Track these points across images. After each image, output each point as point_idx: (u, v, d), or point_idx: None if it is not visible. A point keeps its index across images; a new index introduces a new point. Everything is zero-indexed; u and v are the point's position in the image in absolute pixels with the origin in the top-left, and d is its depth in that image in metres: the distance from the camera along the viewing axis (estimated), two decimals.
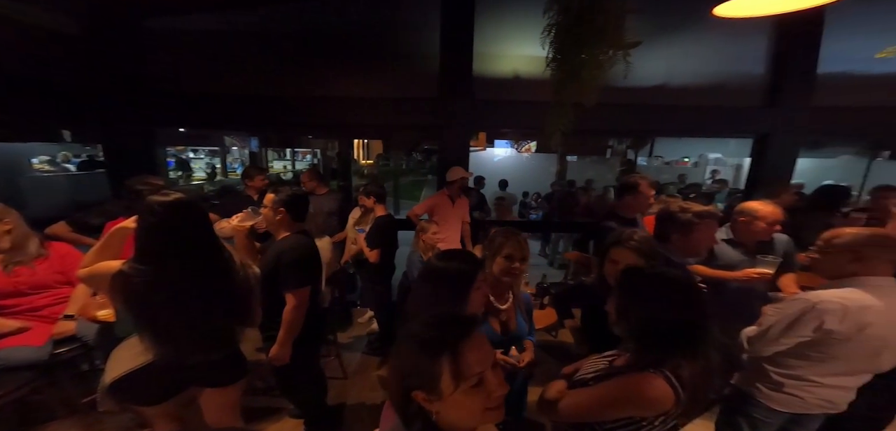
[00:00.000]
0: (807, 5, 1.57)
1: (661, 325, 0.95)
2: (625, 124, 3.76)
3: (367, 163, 6.74)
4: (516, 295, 1.44)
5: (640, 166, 8.66)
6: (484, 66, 3.39)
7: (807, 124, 3.36)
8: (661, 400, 0.92)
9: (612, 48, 2.08)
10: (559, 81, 2.20)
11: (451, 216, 3.20)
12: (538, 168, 8.04)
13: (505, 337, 1.38)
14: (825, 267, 1.40)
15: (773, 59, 3.38)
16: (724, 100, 3.47)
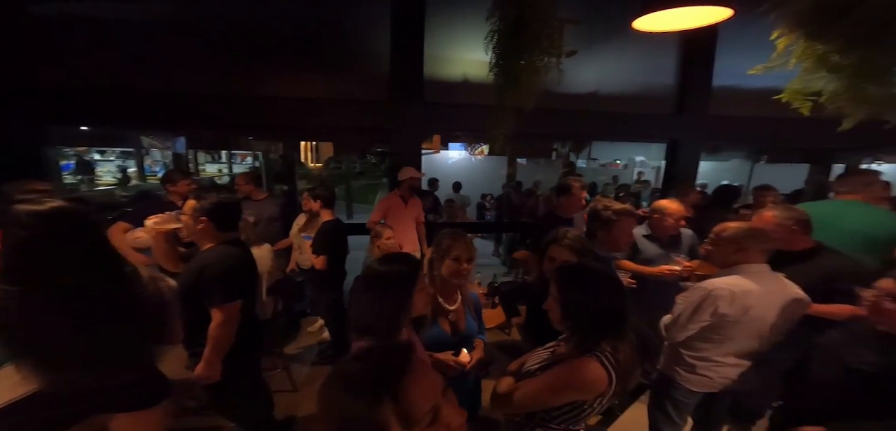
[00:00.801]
0: (698, 25, 1.82)
1: (594, 313, 1.04)
2: (562, 129, 4.04)
3: (316, 166, 6.33)
4: (465, 296, 1.45)
5: (580, 168, 9.39)
6: (434, 70, 3.40)
7: (705, 131, 3.87)
8: (597, 381, 1.00)
9: (548, 55, 2.20)
10: (500, 86, 2.29)
11: (405, 217, 3.17)
12: (490, 170, 8.29)
13: (455, 337, 1.38)
14: (716, 257, 1.60)
15: (680, 72, 3.82)
16: (644, 108, 3.87)
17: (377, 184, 10.98)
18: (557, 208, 2.66)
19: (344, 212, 9.66)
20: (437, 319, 1.36)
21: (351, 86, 3.36)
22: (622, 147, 9.56)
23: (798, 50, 1.50)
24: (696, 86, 3.73)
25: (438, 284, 1.37)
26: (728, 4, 1.62)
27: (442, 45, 3.37)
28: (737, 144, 5.50)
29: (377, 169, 11.89)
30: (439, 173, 7.21)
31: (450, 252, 1.36)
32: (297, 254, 3.08)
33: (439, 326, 1.36)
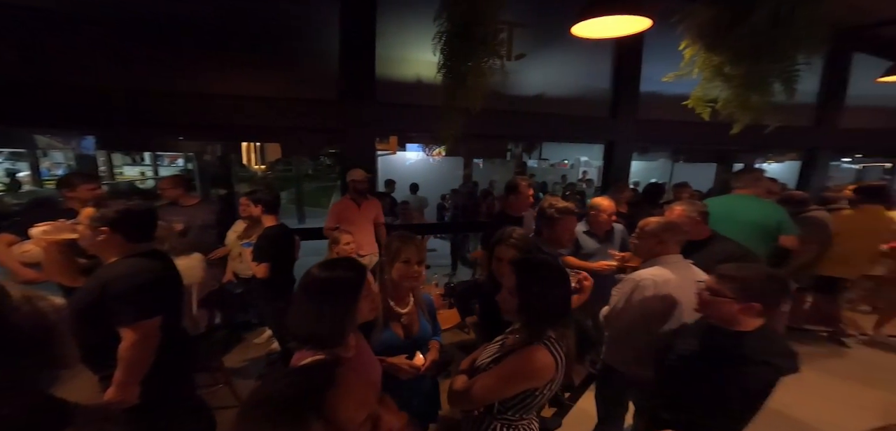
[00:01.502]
0: (625, 33, 1.98)
1: (546, 303, 1.09)
2: (512, 130, 4.18)
3: (261, 168, 5.81)
4: (417, 298, 1.43)
5: (531, 168, 9.84)
6: (387, 70, 3.34)
7: (635, 133, 4.21)
8: (547, 368, 1.05)
9: (493, 58, 2.26)
10: (448, 87, 2.31)
11: (360, 220, 3.06)
12: (447, 171, 8.35)
13: (409, 340, 1.36)
14: (641, 250, 1.75)
15: (614, 77, 4.05)
16: (584, 111, 4.12)
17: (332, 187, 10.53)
18: (508, 207, 2.73)
19: (295, 217, 9.12)
20: (389, 323, 1.33)
21: (298, 85, 3.18)
22: (569, 147, 10.18)
23: (700, 60, 1.71)
24: (627, 91, 4.04)
25: (389, 288, 1.34)
26: (648, 15, 1.79)
27: (395, 46, 3.32)
28: (661, 145, 6.15)
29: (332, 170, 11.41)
30: (396, 174, 7.10)
31: (399, 255, 1.33)
32: (236, 263, 2.83)
33: (391, 330, 1.33)
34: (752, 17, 1.43)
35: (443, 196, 7.31)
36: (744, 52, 1.52)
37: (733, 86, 1.64)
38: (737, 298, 1.22)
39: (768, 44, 1.45)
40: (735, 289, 1.23)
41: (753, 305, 1.20)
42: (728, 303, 1.23)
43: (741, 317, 1.24)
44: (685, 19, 1.86)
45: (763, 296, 1.21)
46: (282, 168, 9.35)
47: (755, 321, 1.25)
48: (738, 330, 1.25)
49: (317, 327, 0.96)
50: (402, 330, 1.35)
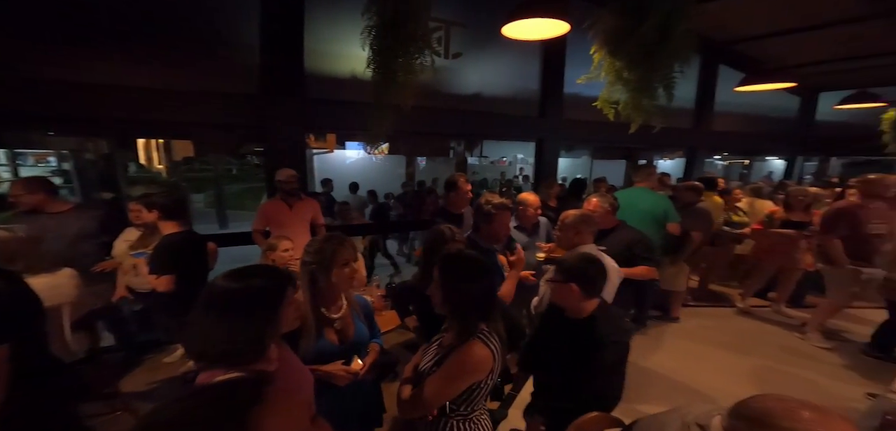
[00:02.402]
0: (548, 36, 2.10)
1: (471, 297, 1.11)
2: (450, 127, 4.23)
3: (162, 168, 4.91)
4: (350, 301, 1.36)
5: (472, 165, 10.13)
6: (317, 65, 3.14)
7: (561, 132, 4.54)
8: (485, 360, 1.07)
9: (424, 55, 2.23)
10: (378, 83, 2.22)
11: (293, 222, 2.80)
12: (390, 170, 8.17)
13: (344, 345, 1.29)
14: (563, 241, 1.89)
15: (542, 79, 4.21)
16: (517, 110, 4.31)
17: (260, 188, 9.55)
18: (448, 205, 2.74)
19: (216, 222, 8.10)
20: (322, 330, 1.25)
21: (211, 78, 2.82)
22: (508, 145, 10.67)
23: (606, 65, 1.91)
24: (553, 92, 4.31)
25: (321, 294, 1.25)
26: (567, 21, 1.93)
27: (327, 40, 3.13)
28: (583, 143, 6.81)
29: (260, 171, 10.33)
30: (335, 173, 6.73)
31: (337, 258, 1.24)
32: (131, 277, 2.40)
33: (324, 337, 1.25)
34: (642, 27, 1.63)
35: (386, 195, 7.15)
36: (637, 59, 1.73)
37: (630, 89, 1.85)
38: (562, 279, 1.35)
39: (653, 53, 1.67)
40: (559, 273, 1.37)
41: (572, 286, 1.32)
42: (567, 290, 1.35)
43: (581, 304, 1.36)
44: (594, 26, 2.06)
45: (580, 278, 1.32)
46: (199, 167, 8.17)
47: (588, 303, 1.37)
48: (581, 316, 1.38)
49: (228, 345, 0.84)
50: (336, 336, 1.29)
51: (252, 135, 4.21)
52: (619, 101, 2.01)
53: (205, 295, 0.88)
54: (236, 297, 0.87)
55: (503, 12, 2.06)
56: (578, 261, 1.36)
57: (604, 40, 1.97)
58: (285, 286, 0.96)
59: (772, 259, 3.46)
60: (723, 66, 5.04)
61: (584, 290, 1.33)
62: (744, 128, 5.77)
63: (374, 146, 7.49)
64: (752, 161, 9.24)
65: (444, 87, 3.89)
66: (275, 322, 0.92)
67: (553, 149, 4.51)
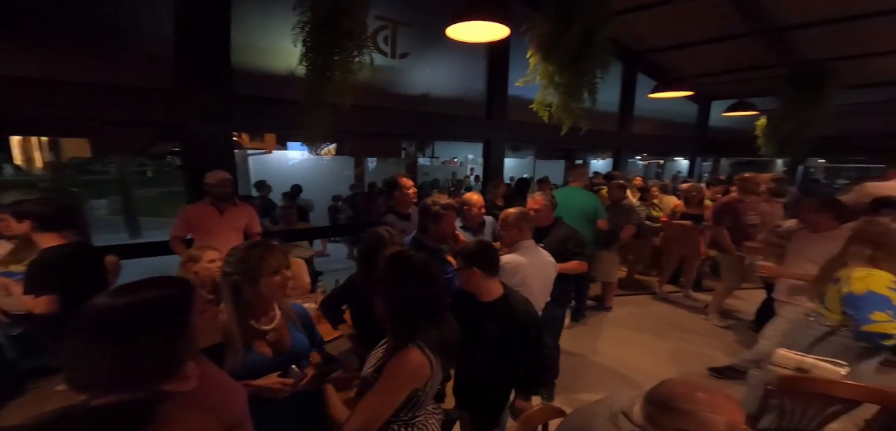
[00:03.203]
0: (489, 39, 2.12)
1: (411, 302, 1.07)
2: (398, 128, 4.12)
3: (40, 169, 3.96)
4: (285, 310, 1.27)
5: (424, 166, 10.09)
6: (248, 60, 2.86)
7: (506, 133, 4.64)
8: (421, 368, 1.03)
9: (363, 53, 2.11)
10: (312, 81, 2.05)
11: (223, 229, 2.46)
12: (337, 171, 7.76)
13: (280, 357, 1.21)
14: (505, 238, 1.91)
15: (487, 81, 4.24)
16: (465, 111, 4.33)
17: (181, 192, 8.38)
18: (395, 205, 2.66)
19: (124, 231, 6.93)
20: (251, 344, 1.16)
21: (111, 69, 2.41)
22: (458, 146, 10.83)
23: (540, 69, 1.99)
24: (498, 94, 4.38)
25: (248, 305, 1.15)
26: (507, 25, 1.97)
27: (257, 34, 2.87)
28: (528, 144, 7.17)
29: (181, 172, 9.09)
30: (275, 175, 6.18)
31: (264, 267, 1.13)
32: (2, 298, 1.93)
33: (255, 351, 1.17)
34: (569, 34, 1.72)
35: (334, 197, 6.77)
36: (566, 64, 1.82)
37: (560, 92, 1.95)
38: (464, 265, 1.43)
39: (579, 58, 1.77)
40: (460, 261, 1.45)
41: (474, 269, 1.41)
42: (471, 273, 1.42)
43: (487, 284, 1.44)
44: (530, 31, 2.14)
45: (479, 260, 1.41)
46: (101, 169, 6.85)
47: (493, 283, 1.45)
48: (493, 298, 1.45)
49: (119, 371, 0.71)
50: (269, 348, 1.20)
51: (166, 134, 3.64)
52: (552, 104, 2.10)
53: (82, 316, 0.73)
54: (122, 316, 0.73)
55: (449, 13, 2.04)
56: (475, 246, 1.47)
57: (538, 45, 2.04)
58: (189, 296, 0.83)
59: (676, 248, 3.91)
60: (641, 74, 5.61)
61: (485, 271, 1.42)
62: (658, 131, 6.55)
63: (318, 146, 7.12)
64: (665, 161, 10.55)
65: (392, 88, 3.79)
66: (185, 337, 0.79)
67: (499, 149, 4.63)
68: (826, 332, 1.58)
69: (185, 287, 0.85)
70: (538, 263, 1.84)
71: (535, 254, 1.85)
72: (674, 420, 0.77)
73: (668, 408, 0.79)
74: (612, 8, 1.88)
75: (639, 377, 2.70)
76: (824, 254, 1.96)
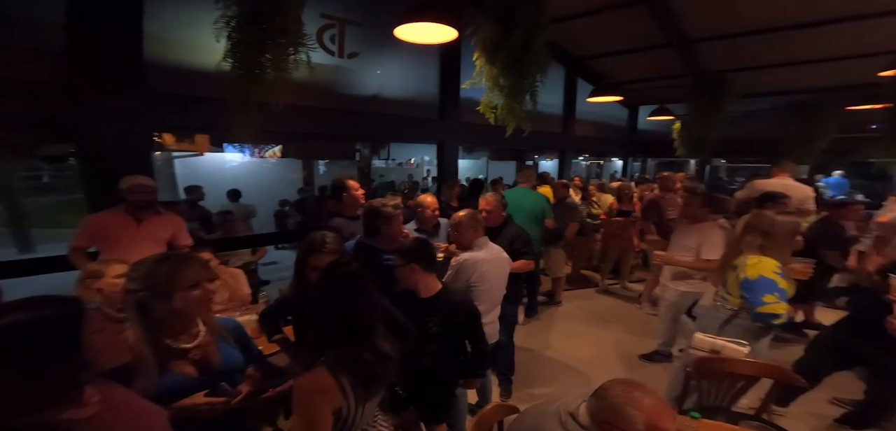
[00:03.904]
0: (438, 40, 2.09)
1: (326, 318, 0.98)
2: (351, 129, 3.91)
3: None
4: (211, 325, 1.19)
5: (379, 168, 9.79)
6: (166, 53, 2.54)
7: (458, 135, 4.60)
8: (325, 390, 0.94)
9: (300, 51, 1.93)
10: (239, 79, 1.82)
11: (141, 241, 2.12)
12: (283, 174, 7.18)
13: (208, 376, 1.13)
14: (460, 239, 1.92)
15: (440, 82, 4.17)
16: (418, 113, 4.25)
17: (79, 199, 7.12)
18: (343, 209, 2.51)
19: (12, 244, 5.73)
20: (170, 364, 1.08)
21: None
22: (414, 147, 10.69)
23: (485, 71, 1.99)
24: (450, 95, 4.33)
25: (161, 323, 1.07)
26: (455, 27, 1.94)
27: (177, 26, 2.58)
28: (481, 145, 7.29)
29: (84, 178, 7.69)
30: (211, 180, 5.52)
31: (178, 280, 1.05)
32: None
33: (173, 371, 1.09)
34: (511, 38, 1.74)
35: (281, 202, 6.27)
36: (509, 67, 1.84)
37: (505, 95, 1.97)
38: (403, 262, 1.47)
39: (521, 61, 1.80)
40: (399, 258, 1.49)
41: (413, 265, 1.46)
42: (410, 270, 1.46)
43: (427, 281, 1.48)
44: (476, 34, 2.13)
45: (417, 256, 1.47)
46: None
47: (432, 278, 1.50)
48: (433, 293, 1.50)
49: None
50: (193, 367, 1.12)
51: (62, 134, 3.03)
52: (497, 106, 2.12)
53: None
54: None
55: (397, 13, 1.99)
56: (412, 243, 1.52)
57: (483, 48, 2.04)
58: (76, 314, 0.76)
59: (614, 243, 4.24)
60: (582, 79, 5.99)
61: (424, 267, 1.47)
62: (597, 133, 7.08)
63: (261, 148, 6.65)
64: (604, 161, 11.49)
65: (341, 88, 3.61)
66: (74, 359, 0.73)
67: (453, 150, 4.62)
68: (730, 315, 1.80)
69: (70, 305, 0.76)
70: (495, 259, 1.90)
71: (491, 251, 1.90)
72: (611, 419, 0.85)
73: (606, 408, 0.86)
74: (549, 14, 1.96)
75: (587, 368, 2.86)
76: (700, 242, 2.35)
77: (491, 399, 2.25)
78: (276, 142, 6.97)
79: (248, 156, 7.29)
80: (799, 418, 2.13)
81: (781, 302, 1.60)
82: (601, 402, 0.88)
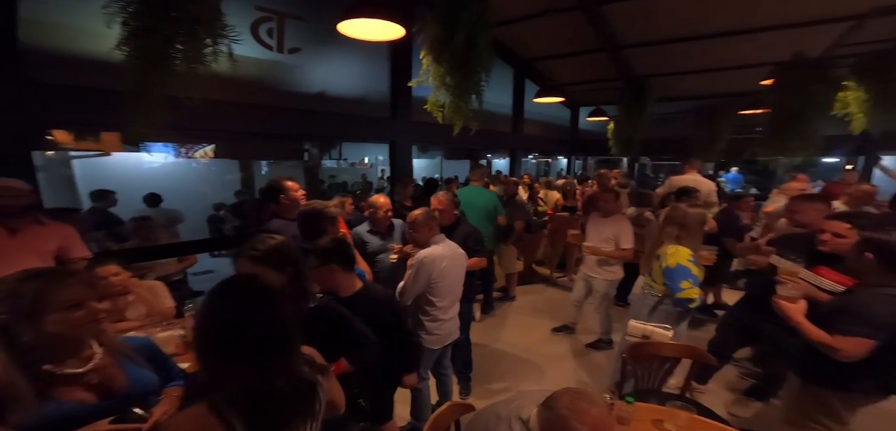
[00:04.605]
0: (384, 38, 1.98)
1: (218, 342, 0.77)
2: (294, 128, 3.61)
3: None
4: (110, 345, 1.07)
5: (331, 168, 9.25)
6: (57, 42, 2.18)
7: (411, 134, 4.48)
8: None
9: (218, 41, 1.68)
10: (140, 68, 1.54)
11: (14, 254, 1.76)
12: (216, 176, 6.42)
13: (110, 401, 1.02)
14: (417, 238, 1.90)
15: (391, 81, 4.06)
16: (370, 112, 4.07)
17: None
18: (280, 212, 2.32)
19: None
20: (55, 392, 0.95)
21: None
22: (370, 147, 10.27)
23: (432, 70, 1.93)
24: (402, 94, 4.18)
25: (32, 349, 0.93)
26: (402, 24, 1.86)
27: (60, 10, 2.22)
28: (436, 145, 7.25)
29: None
30: (124, 183, 4.71)
31: (51, 301, 0.91)
32: None
33: (63, 399, 0.97)
34: (455, 37, 1.70)
35: (216, 206, 5.61)
36: (454, 66, 1.81)
37: (451, 94, 1.93)
38: (320, 263, 1.43)
39: (465, 61, 1.78)
40: (317, 260, 1.45)
41: (332, 265, 1.44)
42: (329, 270, 1.43)
43: (347, 280, 1.48)
44: (422, 32, 2.06)
45: (336, 256, 1.45)
46: None
47: (352, 277, 1.49)
48: (354, 291, 1.49)
49: None
50: (90, 393, 1.01)
51: None
52: (445, 105, 2.09)
53: None
54: None
55: (341, 8, 1.86)
56: (331, 243, 1.48)
57: (429, 46, 1.98)
58: None
59: (560, 237, 4.46)
60: (529, 81, 6.20)
61: (343, 266, 1.45)
62: (544, 132, 7.45)
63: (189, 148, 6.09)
64: (552, 160, 12.18)
65: (283, 85, 3.34)
66: None
67: (406, 150, 4.50)
68: (657, 302, 1.97)
69: None
70: (453, 254, 1.90)
71: (449, 247, 1.90)
72: (557, 428, 0.87)
73: (553, 419, 0.88)
74: (493, 15, 1.97)
75: (541, 360, 2.95)
76: (616, 233, 2.66)
77: (451, 397, 2.23)
78: (203, 140, 6.24)
79: (172, 156, 6.41)
80: (715, 393, 2.40)
81: (695, 288, 1.79)
82: (549, 413, 0.89)
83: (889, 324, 1.23)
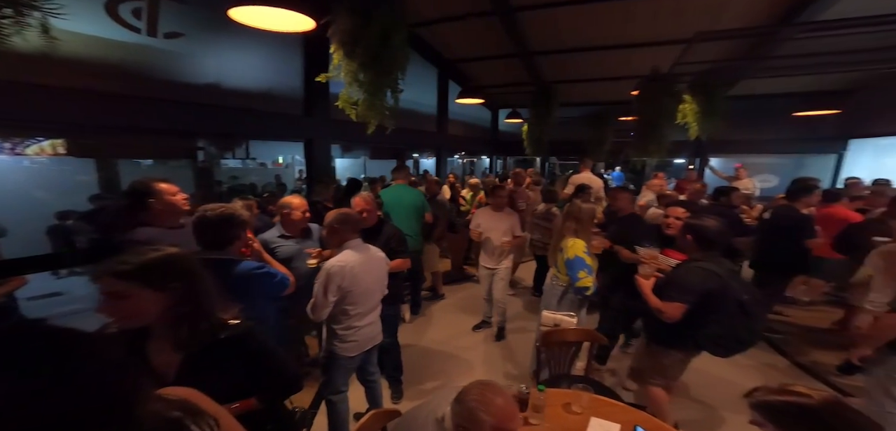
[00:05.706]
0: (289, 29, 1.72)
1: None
2: (170, 123, 2.93)
3: None
4: None
5: (235, 168, 7.95)
6: None
7: (329, 132, 4.12)
8: None
9: (17, 12, 1.21)
10: None
11: None
12: (62, 178, 4.88)
13: None
14: (331, 241, 1.75)
15: (305, 75, 3.73)
16: (279, 107, 3.61)
17: None
18: (155, 219, 1.87)
19: None
20: None
21: None
22: (285, 145, 9.18)
23: (344, 65, 1.76)
24: (318, 90, 3.70)
25: None
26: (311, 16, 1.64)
27: None
28: (360, 144, 6.86)
29: None
30: None
31: None
32: None
33: None
34: (368, 33, 1.57)
35: (60, 215, 4.31)
36: (368, 62, 1.67)
37: (365, 91, 1.79)
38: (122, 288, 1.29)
39: (379, 58, 1.66)
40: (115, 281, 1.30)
41: None
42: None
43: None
44: (332, 24, 1.85)
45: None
46: None
47: None
48: None
49: None
50: None
51: None
52: (358, 102, 1.93)
53: None
54: None
55: None
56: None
57: (340, 41, 1.79)
58: None
59: None
60: (452, 82, 6.31)
61: None
62: (468, 133, 7.72)
63: (17, 143, 5.01)
64: (476, 159, 12.77)
65: (160, 74, 2.86)
66: None
67: (323, 149, 4.10)
68: (563, 292, 2.19)
69: None
70: (367, 260, 1.76)
71: (364, 252, 1.76)
72: (466, 424, 0.89)
73: (462, 413, 0.90)
74: (407, 11, 1.89)
75: (471, 356, 2.99)
76: (511, 225, 2.91)
77: (381, 403, 2.10)
78: (40, 134, 4.75)
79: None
80: (613, 372, 2.72)
81: (590, 276, 2.04)
82: (459, 407, 0.91)
83: (698, 290, 1.60)
